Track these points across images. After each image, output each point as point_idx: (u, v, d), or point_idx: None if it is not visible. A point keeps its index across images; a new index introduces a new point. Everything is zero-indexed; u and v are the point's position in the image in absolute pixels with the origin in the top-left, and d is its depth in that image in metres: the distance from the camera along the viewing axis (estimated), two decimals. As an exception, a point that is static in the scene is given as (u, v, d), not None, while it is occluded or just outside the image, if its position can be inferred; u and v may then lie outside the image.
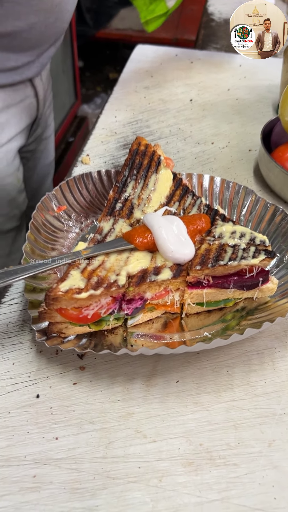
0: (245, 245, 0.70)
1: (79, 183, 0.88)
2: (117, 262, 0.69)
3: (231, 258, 0.68)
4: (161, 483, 0.56)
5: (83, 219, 0.87)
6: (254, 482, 0.56)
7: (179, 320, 0.73)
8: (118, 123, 1.19)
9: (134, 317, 0.70)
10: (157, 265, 0.69)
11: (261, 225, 0.84)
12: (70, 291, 0.62)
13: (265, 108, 1.31)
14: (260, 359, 0.70)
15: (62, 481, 0.56)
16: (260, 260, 0.68)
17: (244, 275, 0.70)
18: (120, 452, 0.58)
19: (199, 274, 0.68)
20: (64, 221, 0.84)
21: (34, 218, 0.79)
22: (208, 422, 0.62)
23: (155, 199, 0.80)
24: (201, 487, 0.56)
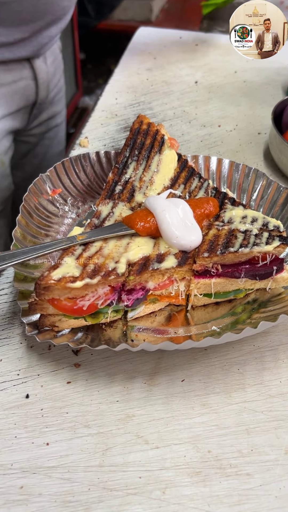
0: (258, 231, 0.64)
1: (76, 164, 0.82)
2: (116, 248, 0.62)
3: (242, 244, 0.62)
4: (165, 495, 0.49)
5: (80, 203, 0.80)
6: (270, 494, 0.50)
7: (184, 313, 0.66)
8: (119, 105, 1.12)
9: (135, 309, 0.63)
10: (161, 252, 0.62)
11: (274, 210, 0.77)
12: (64, 280, 0.56)
13: (274, 90, 1.23)
14: (274, 356, 0.63)
15: (52, 493, 0.49)
16: (274, 247, 0.62)
17: (256, 263, 0.63)
18: (119, 460, 0.52)
19: (207, 262, 0.62)
20: (59, 206, 0.78)
21: (26, 201, 0.72)
22: (217, 426, 0.55)
23: (158, 181, 0.73)
24: (210, 500, 0.49)
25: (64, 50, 3.09)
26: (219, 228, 0.65)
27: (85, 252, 0.61)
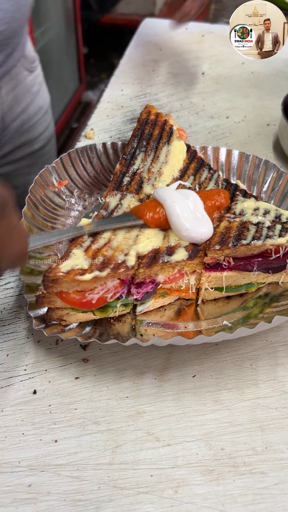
0: (270, 223, 0.62)
1: (82, 156, 0.80)
2: (126, 240, 0.60)
3: (255, 237, 0.60)
4: (177, 494, 0.48)
5: (86, 196, 0.78)
6: (286, 494, 0.48)
7: (194, 307, 0.65)
8: (125, 97, 1.10)
9: (144, 303, 0.62)
10: (171, 245, 0.60)
11: (285, 202, 0.75)
12: (72, 272, 0.54)
13: (283, 81, 1.21)
14: (287, 351, 0.61)
15: (61, 492, 0.48)
16: (287, 240, 0.60)
17: (269, 256, 0.62)
18: (129, 457, 0.51)
19: (219, 254, 0.60)
20: (66, 198, 0.76)
21: (32, 193, 0.70)
22: (230, 423, 0.54)
23: (167, 172, 0.72)
24: (224, 499, 0.48)
25: (67, 44, 3.07)
26: (231, 220, 0.64)
27: (94, 244, 0.59)
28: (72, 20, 3.05)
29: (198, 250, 0.60)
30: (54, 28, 2.71)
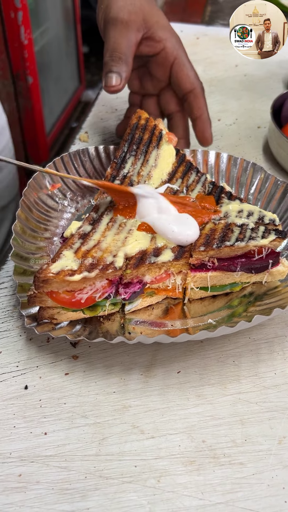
0: (254, 225, 0.64)
1: (75, 159, 0.83)
2: (114, 242, 0.63)
3: (238, 238, 0.62)
4: (160, 483, 0.51)
5: (79, 198, 0.81)
6: (263, 483, 0.51)
7: (181, 306, 0.67)
8: (119, 100, 1.12)
9: (132, 302, 0.64)
10: (158, 246, 0.63)
11: (271, 204, 0.78)
12: (62, 273, 0.57)
13: (276, 84, 1.23)
14: (269, 348, 0.64)
15: (50, 481, 0.51)
16: (270, 241, 0.62)
17: (252, 257, 0.64)
18: (115, 449, 0.53)
19: (203, 255, 0.62)
20: (59, 200, 0.79)
21: (26, 196, 0.73)
22: (212, 416, 0.56)
23: (156, 176, 0.74)
24: (204, 488, 0.50)
25: (66, 44, 3.08)
26: (216, 222, 0.66)
27: (84, 246, 0.62)
28: (72, 20, 3.06)
29: (184, 251, 0.63)
30: (53, 29, 2.72)
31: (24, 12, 2.09)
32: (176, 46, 0.82)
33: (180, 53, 0.82)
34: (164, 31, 0.81)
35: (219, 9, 1.78)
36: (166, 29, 0.82)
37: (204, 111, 0.84)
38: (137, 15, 0.79)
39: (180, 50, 0.82)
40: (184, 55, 0.83)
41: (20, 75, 2.26)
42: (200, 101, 0.83)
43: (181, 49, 0.83)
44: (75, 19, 3.07)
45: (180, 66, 0.82)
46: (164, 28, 0.81)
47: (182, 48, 0.83)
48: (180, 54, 0.82)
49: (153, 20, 0.80)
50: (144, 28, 0.80)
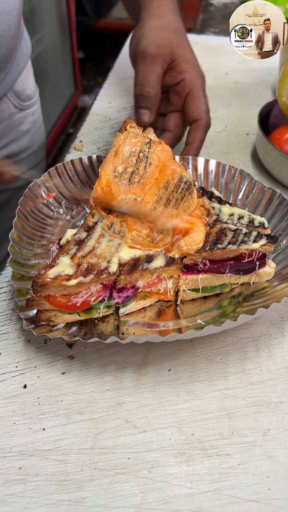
0: (246, 229, 0.68)
1: (69, 169, 0.86)
2: (108, 248, 0.66)
3: (231, 241, 0.66)
4: (151, 474, 0.54)
5: (74, 206, 0.84)
6: (248, 472, 0.54)
7: (174, 307, 0.71)
8: (113, 109, 1.16)
9: (126, 305, 0.68)
10: (149, 253, 0.66)
11: (258, 209, 0.81)
12: (59, 278, 0.60)
13: (264, 91, 1.27)
14: (255, 346, 0.67)
15: (48, 473, 0.54)
16: (261, 245, 0.66)
17: (241, 259, 0.68)
18: (109, 443, 0.57)
19: (197, 256, 0.66)
20: (54, 208, 0.82)
21: (22, 205, 0.76)
22: (200, 411, 0.60)
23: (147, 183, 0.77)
24: (193, 478, 0.54)
25: (62, 51, 3.12)
26: (210, 225, 0.69)
27: (79, 252, 0.65)
28: (67, 27, 3.10)
29: (175, 258, 0.66)
30: (49, 36, 2.76)
31: (20, 21, 2.12)
32: (195, 79, 0.87)
33: (197, 86, 0.87)
34: (187, 64, 0.88)
35: (211, 17, 1.82)
36: (190, 63, 0.88)
37: (196, 141, 0.88)
38: (164, 48, 0.85)
39: (197, 83, 0.88)
40: (201, 88, 0.88)
41: (17, 83, 2.29)
42: (198, 132, 0.88)
43: (199, 82, 0.88)
44: (70, 26, 3.12)
45: (193, 97, 0.87)
46: (188, 62, 0.88)
47: (200, 82, 0.89)
48: (196, 86, 0.87)
49: (179, 53, 0.87)
50: (170, 59, 0.86)
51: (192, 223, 0.68)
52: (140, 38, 0.86)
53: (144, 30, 0.87)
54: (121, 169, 0.78)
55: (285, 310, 0.72)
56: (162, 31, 0.87)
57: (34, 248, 0.74)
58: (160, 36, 0.85)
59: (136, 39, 0.88)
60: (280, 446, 0.57)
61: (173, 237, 0.68)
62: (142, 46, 0.85)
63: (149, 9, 0.91)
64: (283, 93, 0.92)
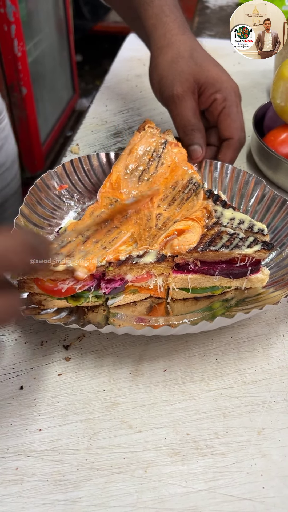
0: (244, 234, 0.68)
1: (85, 163, 0.86)
2: (105, 238, 0.67)
3: (225, 245, 0.66)
4: (146, 473, 0.55)
5: (86, 199, 0.85)
6: (242, 471, 0.55)
7: (165, 305, 0.71)
8: (109, 112, 1.17)
9: (115, 297, 0.68)
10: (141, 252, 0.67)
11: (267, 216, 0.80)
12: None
13: (260, 93, 1.28)
14: (250, 346, 0.68)
15: (45, 473, 0.54)
16: (255, 251, 0.66)
17: (234, 263, 0.68)
18: (105, 443, 0.57)
19: (188, 256, 0.66)
20: (65, 200, 0.83)
21: (31, 194, 0.77)
22: (195, 411, 0.60)
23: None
24: (188, 477, 0.54)
25: (60, 55, 3.14)
26: (209, 227, 0.69)
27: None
28: (64, 31, 3.12)
29: (166, 256, 0.67)
30: (47, 40, 2.78)
31: (17, 25, 2.14)
32: (227, 96, 0.85)
33: (229, 103, 0.85)
34: (214, 84, 0.84)
35: (207, 20, 1.83)
36: (217, 81, 0.85)
37: (226, 160, 0.87)
38: (188, 81, 0.83)
39: (229, 99, 0.85)
40: (234, 104, 0.86)
41: (14, 86, 2.31)
42: (228, 151, 0.87)
43: (231, 98, 0.85)
44: (67, 30, 3.13)
45: (225, 116, 0.85)
46: (215, 81, 0.84)
47: (232, 97, 0.85)
48: (228, 104, 0.85)
49: (203, 76, 0.84)
50: (197, 87, 0.84)
51: (189, 224, 0.69)
52: (161, 80, 0.85)
53: (160, 70, 0.85)
54: (132, 167, 0.79)
55: (279, 311, 0.72)
56: (178, 63, 0.84)
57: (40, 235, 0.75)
58: (179, 70, 0.83)
59: (157, 81, 0.86)
60: (274, 445, 0.57)
61: (167, 236, 0.68)
62: (167, 90, 0.83)
63: (156, 40, 0.88)
64: (277, 96, 0.93)
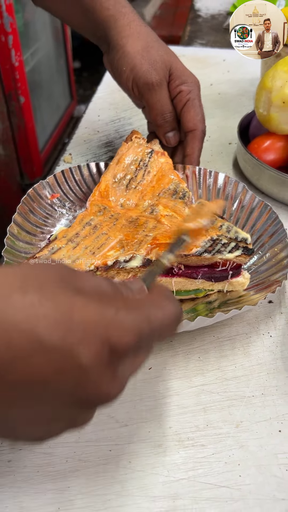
0: (227, 240, 0.71)
1: (76, 174, 0.90)
2: (93, 244, 0.71)
3: (207, 250, 0.70)
4: (131, 464, 0.58)
5: (77, 207, 0.88)
6: (220, 461, 0.59)
7: None
8: (101, 122, 1.21)
9: None
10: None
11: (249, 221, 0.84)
12: None
13: (248, 101, 1.32)
14: (231, 344, 0.72)
15: (36, 465, 0.58)
16: (235, 256, 0.70)
17: (216, 267, 0.72)
18: (93, 436, 0.61)
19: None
20: (57, 208, 0.87)
21: (24, 203, 0.81)
22: (178, 406, 0.64)
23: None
24: (169, 467, 0.58)
25: (57, 63, 3.18)
26: None
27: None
28: (61, 39, 3.16)
29: (152, 260, 0.71)
30: (44, 49, 2.82)
31: (14, 36, 2.19)
32: (191, 88, 0.88)
33: (193, 97, 0.88)
34: (181, 75, 0.87)
35: (198, 29, 1.88)
36: (183, 73, 0.88)
37: (194, 152, 0.91)
38: (163, 70, 0.85)
39: (193, 92, 0.88)
40: (197, 98, 0.89)
41: (12, 95, 2.35)
42: (195, 143, 0.90)
43: (195, 91, 0.89)
44: (64, 38, 3.18)
45: (188, 108, 0.88)
46: (181, 72, 0.88)
47: (196, 91, 0.89)
48: (192, 97, 0.88)
49: (173, 66, 0.87)
50: (168, 76, 0.87)
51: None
52: (133, 68, 0.84)
53: (131, 58, 0.84)
54: (120, 176, 0.83)
55: (260, 311, 0.76)
56: (149, 52, 0.85)
57: (33, 242, 0.79)
58: (152, 59, 0.84)
59: (129, 69, 0.85)
60: (251, 436, 0.61)
61: (152, 242, 0.72)
62: (143, 77, 0.84)
63: (120, 30, 0.86)
64: (259, 105, 0.97)
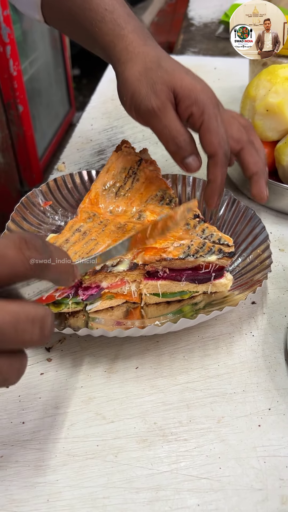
0: (210, 244, 0.74)
1: (68, 182, 0.94)
2: (82, 249, 0.74)
3: (190, 253, 0.73)
4: (117, 458, 0.61)
5: (69, 214, 0.92)
6: (202, 454, 0.62)
7: (140, 309, 0.78)
8: (94, 131, 1.25)
9: (93, 303, 0.75)
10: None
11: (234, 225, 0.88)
12: None
13: (237, 109, 1.34)
14: (215, 344, 0.75)
15: (27, 460, 0.61)
16: (217, 258, 0.73)
17: (199, 270, 0.75)
18: (81, 432, 0.64)
19: (157, 264, 0.73)
20: (50, 215, 0.90)
21: (17, 211, 0.84)
22: (163, 403, 0.67)
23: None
24: (153, 460, 0.61)
25: (55, 70, 3.22)
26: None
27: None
28: (59, 48, 3.21)
29: (138, 264, 0.74)
30: (42, 58, 2.86)
31: (12, 46, 2.24)
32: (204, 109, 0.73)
33: (207, 118, 0.73)
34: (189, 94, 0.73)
35: (191, 37, 1.91)
36: (191, 90, 0.73)
37: (217, 180, 0.77)
38: (163, 91, 0.73)
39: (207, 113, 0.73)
40: (213, 118, 0.74)
41: (11, 104, 2.40)
42: (216, 170, 0.76)
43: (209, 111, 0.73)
44: (62, 46, 3.22)
45: (204, 132, 0.74)
46: (189, 90, 0.73)
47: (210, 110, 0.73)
48: (206, 118, 0.73)
49: (177, 86, 0.73)
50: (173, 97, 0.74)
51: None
52: (133, 96, 0.75)
53: (129, 85, 0.75)
54: (110, 184, 0.86)
55: (243, 312, 0.79)
56: (147, 75, 0.74)
57: None
58: (150, 82, 0.73)
59: (129, 97, 0.76)
60: (232, 431, 0.64)
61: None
62: (143, 104, 0.74)
63: (118, 56, 0.79)
64: (244, 113, 1.00)
